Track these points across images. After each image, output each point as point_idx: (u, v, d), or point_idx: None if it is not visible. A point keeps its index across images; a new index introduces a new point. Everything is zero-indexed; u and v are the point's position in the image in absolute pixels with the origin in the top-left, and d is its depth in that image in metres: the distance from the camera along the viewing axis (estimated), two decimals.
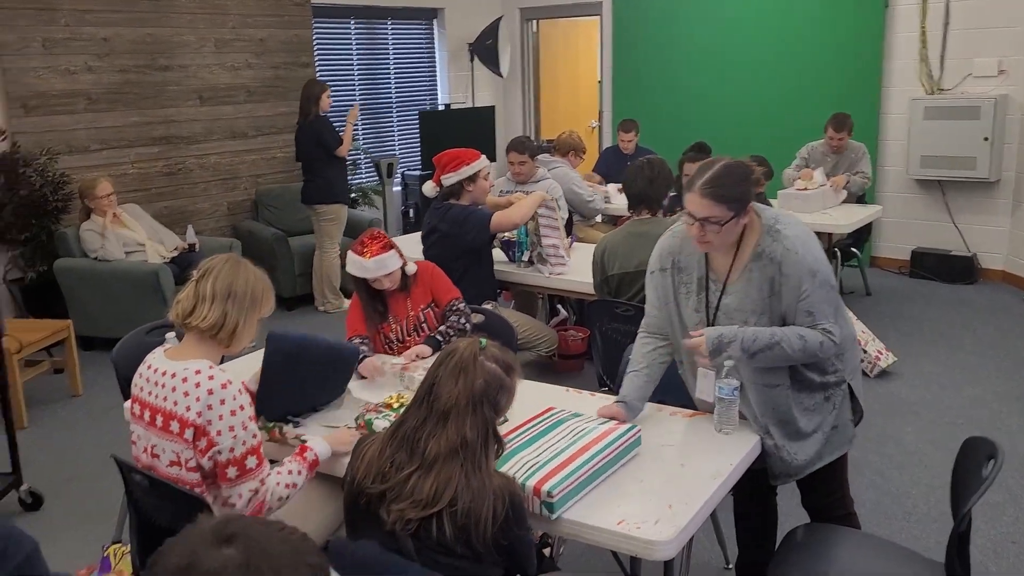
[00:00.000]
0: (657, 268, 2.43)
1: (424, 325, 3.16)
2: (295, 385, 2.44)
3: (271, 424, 2.42)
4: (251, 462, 2.05)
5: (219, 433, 2.01)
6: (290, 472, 2.14)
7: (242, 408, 2.04)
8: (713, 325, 2.29)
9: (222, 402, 2.01)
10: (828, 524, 2.39)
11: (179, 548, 0.88)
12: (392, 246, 3.03)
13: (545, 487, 1.91)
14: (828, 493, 2.47)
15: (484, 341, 1.86)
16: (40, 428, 4.27)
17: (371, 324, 3.09)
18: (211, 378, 2.03)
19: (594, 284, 3.66)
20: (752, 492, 2.53)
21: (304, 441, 2.27)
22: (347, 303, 3.64)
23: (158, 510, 2.16)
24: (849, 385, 2.37)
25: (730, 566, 2.93)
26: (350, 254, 3.05)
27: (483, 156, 4.02)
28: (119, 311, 5.08)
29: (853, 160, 5.85)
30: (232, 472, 2.03)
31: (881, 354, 4.64)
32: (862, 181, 5.83)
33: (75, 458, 3.94)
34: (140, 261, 5.29)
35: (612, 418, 2.32)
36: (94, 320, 5.17)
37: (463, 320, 3.13)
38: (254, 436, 2.07)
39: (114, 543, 2.70)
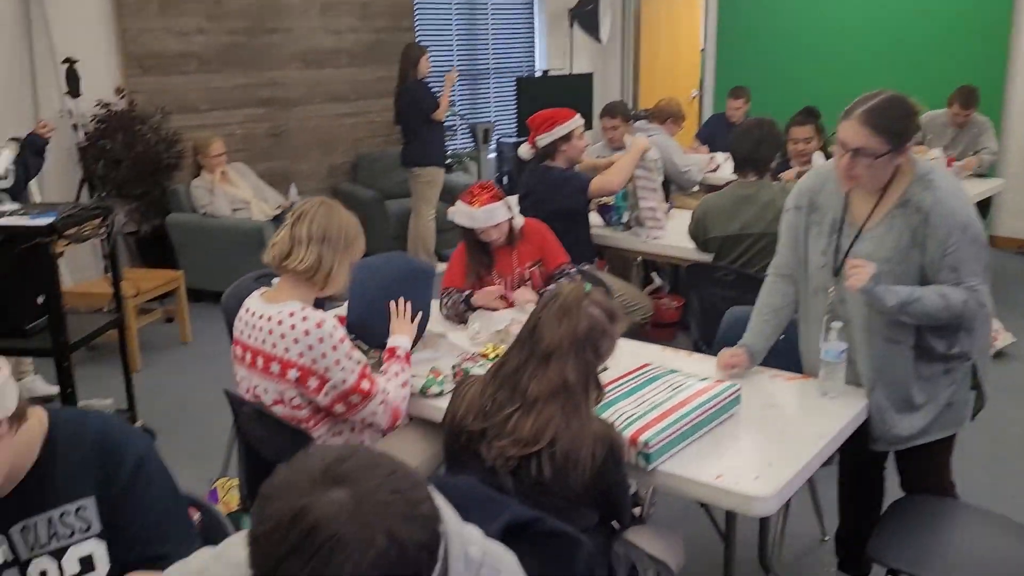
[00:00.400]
0: (792, 206, 2.34)
1: (528, 283, 3.15)
2: (382, 302, 2.47)
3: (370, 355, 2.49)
4: (366, 384, 2.14)
5: (327, 370, 2.09)
6: (396, 374, 2.26)
7: (342, 340, 2.11)
8: (840, 272, 2.19)
9: (320, 340, 2.07)
10: (936, 497, 2.28)
11: (289, 489, 0.86)
12: (501, 197, 3.03)
13: (642, 438, 1.90)
14: (929, 472, 2.34)
15: (589, 286, 1.84)
16: (152, 371, 4.50)
17: (473, 277, 3.10)
18: (305, 319, 2.09)
19: (689, 234, 3.59)
20: (859, 461, 2.44)
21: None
22: (441, 266, 3.67)
23: (265, 443, 2.24)
24: (974, 366, 2.24)
25: (827, 538, 2.85)
26: (458, 203, 3.05)
27: (577, 115, 3.97)
28: (225, 265, 5.26)
29: (975, 135, 5.53)
30: (355, 399, 2.13)
31: (998, 334, 4.41)
32: (990, 159, 5.50)
33: (185, 399, 4.13)
34: (245, 218, 5.49)
35: (733, 364, 2.33)
36: (202, 273, 5.39)
37: None
38: (359, 362, 2.15)
39: (221, 477, 2.83)
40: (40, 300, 3.21)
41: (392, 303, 2.45)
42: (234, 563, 1.05)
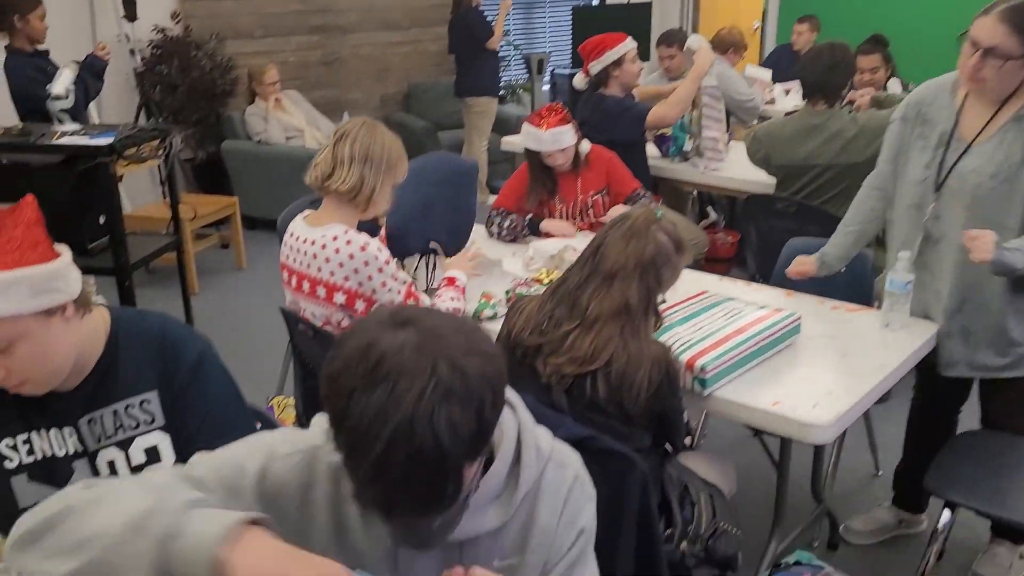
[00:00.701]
0: (899, 117, 2.24)
1: (591, 211, 3.10)
2: (425, 206, 2.46)
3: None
4: (412, 302, 2.16)
5: (374, 292, 2.10)
6: (452, 298, 2.28)
7: (387, 262, 2.12)
8: (942, 187, 2.10)
9: (366, 263, 2.08)
10: (1004, 433, 2.21)
11: (359, 332, 0.92)
12: (570, 120, 2.97)
13: (698, 363, 1.87)
14: (1015, 411, 2.23)
15: (660, 212, 1.81)
16: (209, 294, 4.60)
17: (534, 201, 3.05)
18: (349, 243, 2.08)
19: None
20: (936, 397, 2.38)
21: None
22: (492, 198, 3.64)
23: (320, 361, 2.27)
24: None
25: (880, 473, 2.81)
26: (525, 125, 3.00)
27: (628, 38, 3.83)
28: (279, 193, 5.28)
29: None
30: None
31: None
32: None
33: (241, 321, 4.22)
34: (299, 146, 5.50)
35: (802, 272, 2.35)
36: (256, 201, 5.43)
37: None
38: (404, 281, 2.16)
39: (277, 396, 2.89)
40: (101, 220, 3.27)
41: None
42: (316, 425, 1.10)
